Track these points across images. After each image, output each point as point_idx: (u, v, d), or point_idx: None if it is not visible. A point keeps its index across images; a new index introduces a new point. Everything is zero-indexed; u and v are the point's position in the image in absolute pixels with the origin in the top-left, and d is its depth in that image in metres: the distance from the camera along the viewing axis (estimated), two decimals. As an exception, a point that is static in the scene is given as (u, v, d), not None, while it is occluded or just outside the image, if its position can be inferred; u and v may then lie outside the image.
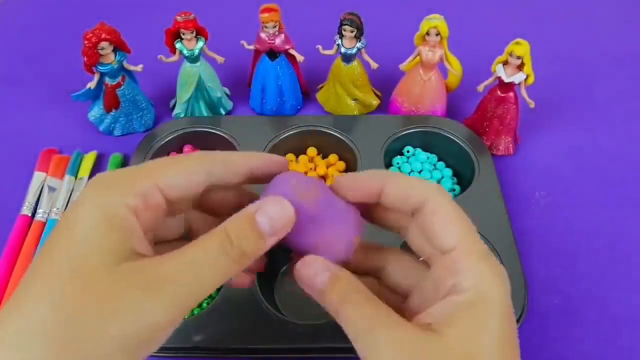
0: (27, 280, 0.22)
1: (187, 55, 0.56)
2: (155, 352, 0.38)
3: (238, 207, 0.26)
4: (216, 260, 0.24)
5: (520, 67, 0.52)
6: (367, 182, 0.27)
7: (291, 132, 0.56)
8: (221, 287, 0.44)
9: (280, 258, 0.49)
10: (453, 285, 0.24)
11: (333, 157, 0.56)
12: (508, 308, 0.24)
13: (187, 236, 0.30)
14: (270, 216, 0.25)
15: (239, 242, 0.24)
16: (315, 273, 0.26)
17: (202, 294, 0.23)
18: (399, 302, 0.28)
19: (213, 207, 0.29)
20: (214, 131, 0.56)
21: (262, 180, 0.29)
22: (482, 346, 0.23)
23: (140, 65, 0.56)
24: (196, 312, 0.45)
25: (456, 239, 0.25)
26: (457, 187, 0.54)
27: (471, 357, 0.23)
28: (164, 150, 0.55)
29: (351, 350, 0.43)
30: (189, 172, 0.26)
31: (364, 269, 0.30)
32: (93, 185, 0.24)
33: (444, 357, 0.23)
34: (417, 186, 0.27)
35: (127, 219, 0.23)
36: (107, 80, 0.55)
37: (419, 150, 0.57)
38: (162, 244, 0.28)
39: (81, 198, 0.24)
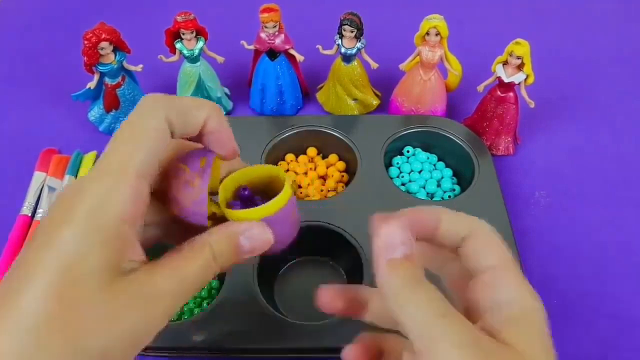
0: (20, 277, 0.22)
1: (187, 55, 0.56)
2: (155, 352, 0.38)
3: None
4: (203, 275, 0.25)
5: (520, 67, 0.52)
6: (425, 217, 0.27)
7: (291, 132, 0.56)
8: (221, 287, 0.44)
9: (280, 259, 0.49)
10: (496, 298, 0.25)
11: (333, 157, 0.56)
12: (547, 328, 0.25)
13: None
14: (254, 239, 0.26)
15: (220, 259, 0.25)
16: (396, 243, 0.24)
17: (184, 303, 0.25)
18: None
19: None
20: (214, 131, 0.56)
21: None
22: (536, 355, 0.23)
23: (140, 65, 0.56)
24: (196, 312, 0.45)
25: (497, 259, 0.26)
26: (457, 187, 0.54)
27: None
28: (164, 150, 0.55)
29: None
30: (154, 146, 0.24)
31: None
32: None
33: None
34: (465, 219, 0.27)
35: (119, 230, 0.23)
36: (107, 80, 0.55)
37: (419, 150, 0.57)
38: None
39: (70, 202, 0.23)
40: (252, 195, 0.28)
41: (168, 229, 0.28)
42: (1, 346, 0.20)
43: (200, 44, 0.56)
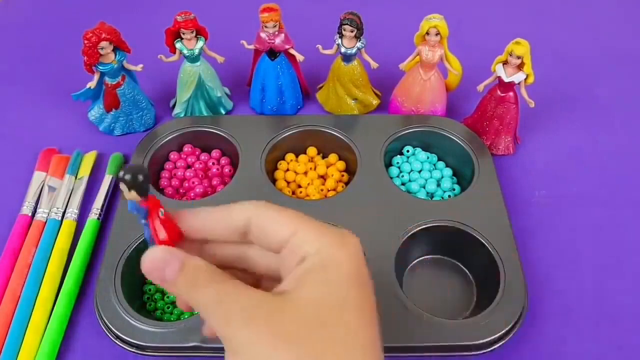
0: None
1: (187, 55, 0.56)
2: (155, 352, 0.38)
3: None
4: None
5: (520, 67, 0.52)
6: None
7: (291, 132, 0.56)
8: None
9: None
10: (300, 257, 0.25)
11: (333, 157, 0.56)
12: (357, 270, 0.25)
13: None
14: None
15: None
16: (164, 266, 0.25)
17: None
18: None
19: None
20: (214, 131, 0.56)
21: None
22: (329, 308, 0.24)
23: (140, 65, 0.56)
24: (196, 312, 0.45)
25: (291, 228, 0.26)
26: (457, 187, 0.54)
27: (319, 319, 0.24)
28: (164, 150, 0.55)
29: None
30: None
31: (228, 259, 0.29)
32: None
33: (295, 315, 0.24)
34: (237, 209, 0.27)
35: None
36: (107, 79, 0.55)
37: (418, 150, 0.57)
38: None
39: None
40: None
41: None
42: None
43: (201, 43, 0.56)
